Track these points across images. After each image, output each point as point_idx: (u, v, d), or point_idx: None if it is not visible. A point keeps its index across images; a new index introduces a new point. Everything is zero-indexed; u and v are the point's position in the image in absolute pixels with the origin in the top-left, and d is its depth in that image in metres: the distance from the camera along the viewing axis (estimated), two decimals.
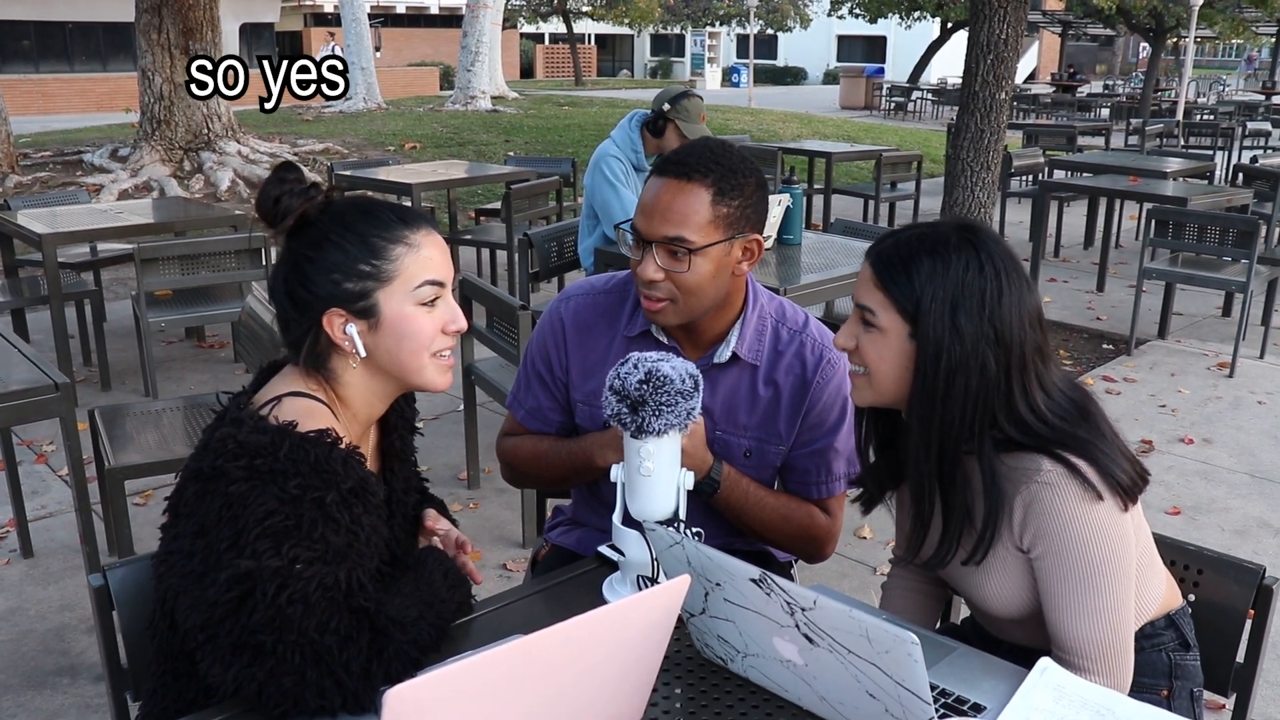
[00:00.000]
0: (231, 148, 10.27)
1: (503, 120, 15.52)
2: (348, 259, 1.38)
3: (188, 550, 1.32)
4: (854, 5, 28.46)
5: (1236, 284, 5.40)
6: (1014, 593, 1.46)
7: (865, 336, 1.45)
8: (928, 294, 1.38)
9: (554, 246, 4.50)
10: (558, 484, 1.92)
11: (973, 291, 1.38)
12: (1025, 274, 1.43)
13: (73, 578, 3.23)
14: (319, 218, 1.41)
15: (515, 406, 1.90)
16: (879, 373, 1.44)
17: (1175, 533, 1.84)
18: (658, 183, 1.67)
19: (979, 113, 5.67)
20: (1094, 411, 1.45)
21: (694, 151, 1.68)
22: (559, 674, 1.03)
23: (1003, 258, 1.41)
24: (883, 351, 1.43)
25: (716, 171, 1.65)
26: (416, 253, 1.41)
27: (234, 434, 1.30)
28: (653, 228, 1.65)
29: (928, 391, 1.40)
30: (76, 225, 4.84)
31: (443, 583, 1.47)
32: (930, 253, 1.40)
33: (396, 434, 1.58)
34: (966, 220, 1.47)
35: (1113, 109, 18.93)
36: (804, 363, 1.77)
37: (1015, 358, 1.39)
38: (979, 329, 1.37)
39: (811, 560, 1.86)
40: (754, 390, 1.77)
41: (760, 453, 1.77)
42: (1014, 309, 1.39)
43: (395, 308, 1.39)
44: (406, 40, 34.59)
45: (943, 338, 1.38)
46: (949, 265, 1.39)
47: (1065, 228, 8.54)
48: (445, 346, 1.44)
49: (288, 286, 1.41)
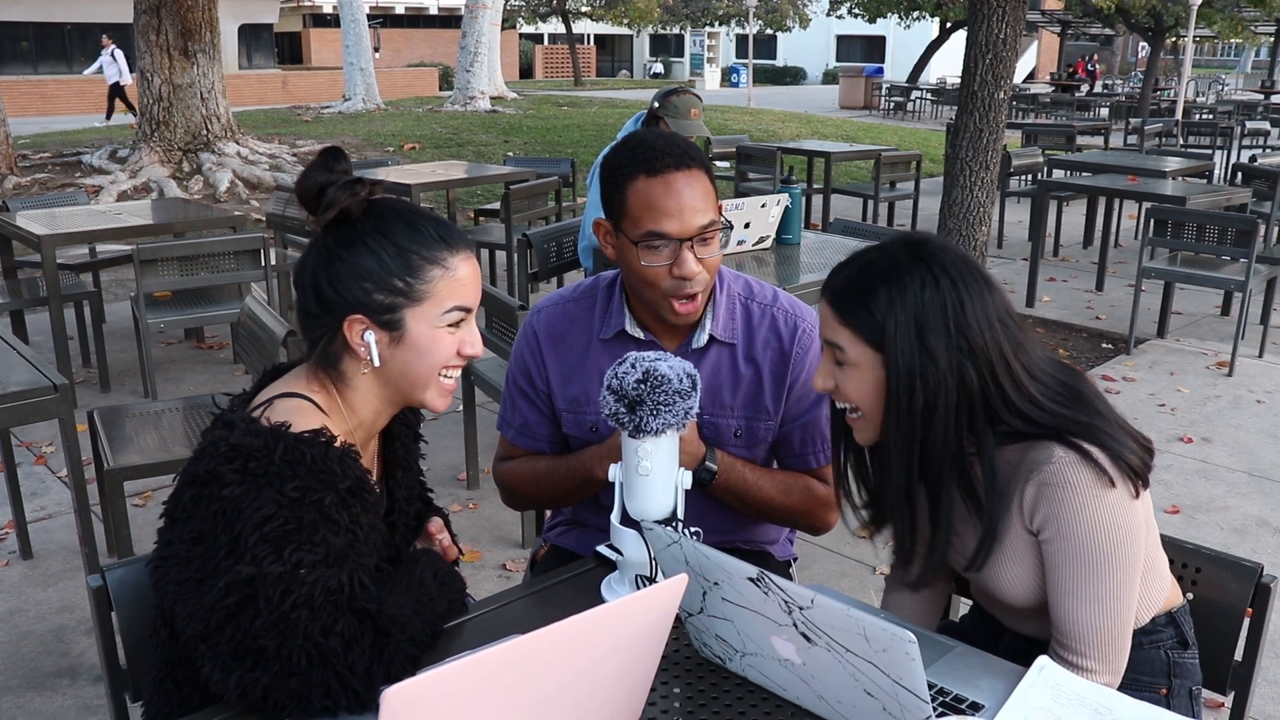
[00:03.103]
0: (230, 149, 10.27)
1: (502, 121, 15.53)
2: (382, 270, 1.36)
3: (184, 556, 1.31)
4: (853, 5, 28.49)
5: (1235, 283, 5.40)
6: (1028, 579, 1.46)
7: (840, 374, 1.44)
8: (890, 321, 1.37)
9: (553, 247, 4.50)
10: (559, 502, 1.91)
11: (934, 309, 1.37)
12: (982, 274, 1.41)
13: (72, 579, 3.23)
14: (359, 217, 1.38)
15: (505, 427, 1.89)
16: (867, 407, 1.43)
17: (1174, 531, 1.84)
18: (663, 181, 1.64)
19: (978, 112, 5.67)
20: (1087, 391, 1.45)
21: (668, 143, 1.69)
22: (557, 673, 1.03)
23: (955, 266, 1.39)
24: (861, 386, 1.42)
25: (696, 154, 1.69)
26: (452, 276, 1.39)
27: (226, 437, 1.30)
28: (687, 225, 1.64)
29: (904, 416, 1.39)
30: (75, 226, 4.84)
31: (433, 581, 1.47)
32: (883, 280, 1.38)
33: (399, 442, 1.57)
34: (911, 236, 1.45)
35: (1112, 108, 18.93)
36: (779, 335, 1.78)
37: (995, 361, 1.38)
38: (949, 344, 1.36)
39: (817, 531, 1.86)
40: (735, 369, 1.78)
41: (750, 431, 1.78)
42: (979, 315, 1.38)
43: (420, 328, 1.38)
44: (405, 41, 34.62)
45: (914, 361, 1.37)
46: (904, 289, 1.37)
47: (1064, 227, 8.54)
48: (455, 367, 1.43)
49: (315, 281, 1.38)
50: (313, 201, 1.36)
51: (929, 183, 9.72)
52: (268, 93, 23.69)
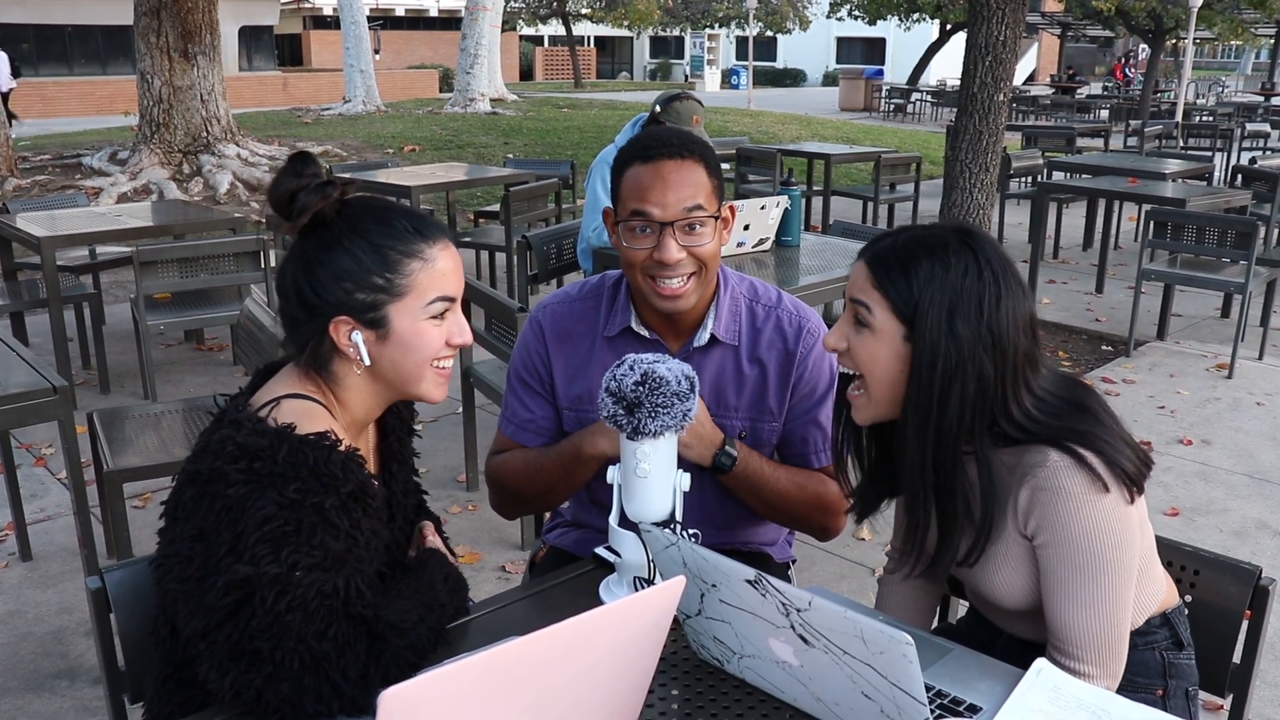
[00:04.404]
0: (230, 150, 10.28)
1: (502, 122, 15.54)
2: (360, 269, 1.36)
3: (186, 554, 1.31)
4: (853, 7, 28.50)
5: (1235, 285, 5.41)
6: (1023, 582, 1.46)
7: (857, 338, 1.44)
8: (926, 296, 1.37)
9: (553, 248, 4.50)
10: (549, 492, 1.83)
11: (971, 296, 1.37)
12: (1021, 280, 1.43)
13: (71, 580, 3.23)
14: (334, 219, 1.38)
15: (505, 424, 1.87)
16: (873, 377, 1.43)
17: (1174, 534, 1.84)
18: (653, 166, 1.66)
19: (977, 114, 5.68)
20: (1092, 405, 1.44)
21: (670, 134, 1.71)
22: (555, 675, 1.03)
23: (1000, 263, 1.40)
24: (875, 353, 1.42)
25: (698, 148, 1.69)
26: (431, 267, 1.39)
27: (233, 436, 1.29)
28: (669, 205, 1.65)
29: (923, 396, 1.39)
30: (75, 228, 4.84)
31: (443, 586, 1.46)
32: (929, 255, 1.39)
33: (395, 436, 1.58)
34: (963, 224, 1.46)
35: (1111, 110, 18.94)
36: (784, 336, 1.79)
37: (1010, 363, 1.39)
38: (976, 334, 1.37)
39: (826, 534, 1.85)
40: (739, 370, 1.78)
41: (755, 431, 1.78)
42: (1010, 315, 1.38)
43: (405, 322, 1.38)
44: (406, 43, 34.64)
45: (939, 342, 1.37)
46: (948, 269, 1.38)
47: (1064, 229, 8.54)
48: (446, 357, 1.43)
49: (296, 286, 1.38)
50: (285, 208, 1.36)
51: (929, 185, 9.72)
52: (268, 95, 23.71)
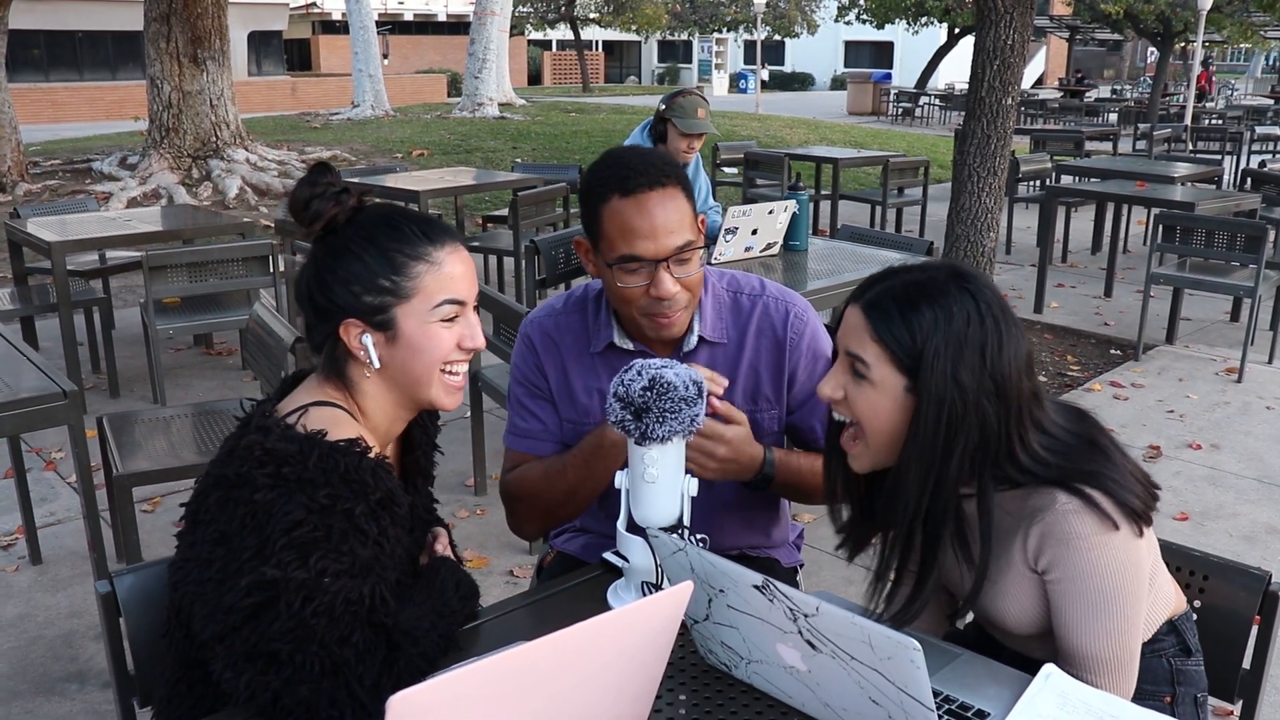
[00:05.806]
0: (239, 155, 10.31)
1: (510, 127, 15.56)
2: (367, 272, 1.38)
3: (206, 557, 1.31)
4: (861, 11, 28.49)
5: (1245, 289, 5.39)
6: (1034, 612, 1.45)
7: (855, 388, 1.38)
8: (930, 347, 1.32)
9: (561, 253, 4.51)
10: (572, 494, 1.78)
11: (974, 344, 1.33)
12: (1017, 320, 1.39)
13: (81, 584, 3.24)
14: (345, 226, 1.41)
15: (514, 440, 1.85)
16: (872, 429, 1.39)
17: (1183, 539, 1.83)
18: (635, 201, 1.62)
19: (985, 118, 5.67)
20: (1101, 441, 1.42)
21: (641, 160, 1.66)
22: (562, 680, 1.03)
23: (999, 306, 1.36)
24: (876, 406, 1.37)
25: (672, 171, 1.66)
26: (438, 270, 1.40)
27: (261, 441, 1.30)
28: (661, 246, 1.62)
29: (926, 447, 1.34)
30: (85, 233, 4.86)
31: (455, 594, 1.47)
32: (930, 303, 1.33)
33: (420, 450, 1.58)
34: (957, 265, 1.41)
35: (1120, 114, 18.90)
36: (773, 323, 1.79)
37: (1013, 409, 1.35)
38: (980, 382, 1.33)
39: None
40: (732, 365, 1.78)
41: (755, 423, 1.76)
42: (1012, 360, 1.35)
43: (414, 324, 1.39)
44: (414, 47, 34.72)
45: (945, 392, 1.32)
46: (951, 318, 1.33)
47: (1073, 233, 8.53)
48: (457, 361, 1.43)
49: (309, 291, 1.41)
50: (302, 215, 1.39)
51: (937, 189, 9.71)
52: (277, 99, 23.80)
